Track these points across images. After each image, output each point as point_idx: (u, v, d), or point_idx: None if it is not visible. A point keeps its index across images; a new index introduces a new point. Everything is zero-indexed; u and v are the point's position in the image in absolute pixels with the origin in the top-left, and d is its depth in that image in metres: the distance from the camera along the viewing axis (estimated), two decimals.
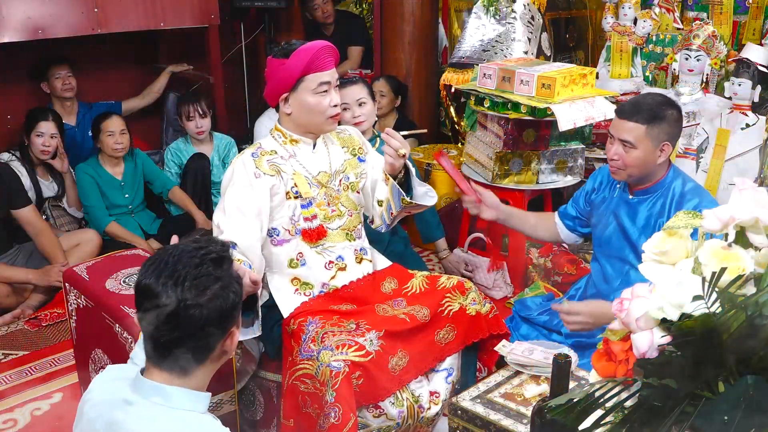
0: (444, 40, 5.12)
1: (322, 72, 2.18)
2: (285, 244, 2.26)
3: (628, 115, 2.26)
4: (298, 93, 2.20)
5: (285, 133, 2.30)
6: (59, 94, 4.07)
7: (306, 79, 2.18)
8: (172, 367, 1.34)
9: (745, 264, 1.13)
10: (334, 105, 2.22)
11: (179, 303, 1.29)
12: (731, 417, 1.02)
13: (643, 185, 2.37)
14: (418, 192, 2.29)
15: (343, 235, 2.33)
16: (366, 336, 2.12)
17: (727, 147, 3.30)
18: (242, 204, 2.18)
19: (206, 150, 4.20)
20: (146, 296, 1.31)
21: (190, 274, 1.30)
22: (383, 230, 2.45)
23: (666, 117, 2.25)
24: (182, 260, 1.32)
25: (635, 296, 1.20)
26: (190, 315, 1.29)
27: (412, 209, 2.33)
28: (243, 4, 4.74)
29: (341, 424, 1.97)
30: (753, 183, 1.24)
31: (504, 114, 3.22)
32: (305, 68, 2.16)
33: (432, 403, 2.25)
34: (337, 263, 2.31)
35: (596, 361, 1.30)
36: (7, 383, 2.90)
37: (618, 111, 2.32)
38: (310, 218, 2.27)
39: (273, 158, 2.26)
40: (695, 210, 2.26)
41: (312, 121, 2.24)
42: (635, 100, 2.37)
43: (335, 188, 2.32)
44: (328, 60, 2.20)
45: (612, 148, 2.32)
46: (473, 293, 2.34)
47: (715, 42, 3.47)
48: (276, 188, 2.22)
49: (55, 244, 3.48)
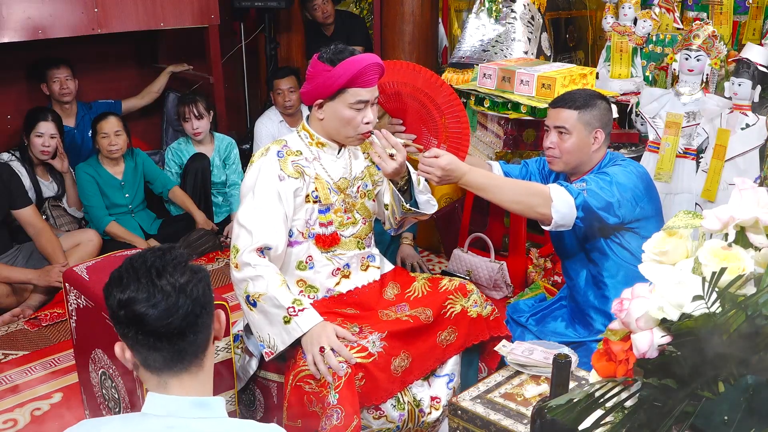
0: (444, 40, 5.12)
1: (365, 89, 2.13)
2: (297, 246, 2.24)
3: (562, 104, 2.41)
4: (335, 103, 2.15)
5: (312, 134, 2.26)
6: (57, 98, 4.07)
7: (347, 92, 2.13)
8: (188, 361, 1.33)
9: (745, 264, 1.13)
10: (367, 122, 2.17)
11: (174, 287, 1.27)
12: (731, 417, 1.02)
13: (579, 174, 2.44)
14: (420, 200, 2.28)
15: (355, 243, 2.32)
16: (369, 338, 2.12)
17: (727, 147, 3.30)
18: (271, 207, 2.15)
19: (207, 150, 4.20)
20: (136, 304, 1.27)
21: (165, 261, 1.30)
22: (392, 234, 2.46)
23: (596, 105, 2.40)
24: (148, 259, 1.30)
25: (635, 296, 1.20)
26: (188, 293, 1.28)
27: (416, 216, 2.33)
28: (243, 4, 4.74)
29: (344, 426, 1.96)
30: (753, 183, 1.24)
31: (504, 114, 3.22)
32: (349, 82, 2.11)
33: (433, 408, 2.25)
34: (343, 270, 2.31)
35: (596, 361, 1.30)
36: (7, 383, 2.90)
37: (552, 102, 2.47)
38: (326, 224, 2.25)
39: (298, 159, 2.22)
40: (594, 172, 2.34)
41: (341, 133, 2.20)
42: (567, 92, 2.53)
43: (353, 195, 2.30)
44: (373, 78, 2.15)
45: (548, 139, 2.43)
46: (475, 295, 2.34)
47: (715, 42, 3.47)
48: (299, 191, 2.20)
49: (56, 244, 3.48)
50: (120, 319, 1.29)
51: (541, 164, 2.66)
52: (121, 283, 1.28)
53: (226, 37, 4.87)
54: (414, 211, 2.26)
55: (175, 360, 1.31)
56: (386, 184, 2.37)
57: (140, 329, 1.27)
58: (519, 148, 3.34)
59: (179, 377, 1.32)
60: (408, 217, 2.34)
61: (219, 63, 4.48)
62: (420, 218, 2.38)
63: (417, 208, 2.28)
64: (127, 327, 1.28)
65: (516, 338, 2.59)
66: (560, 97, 2.48)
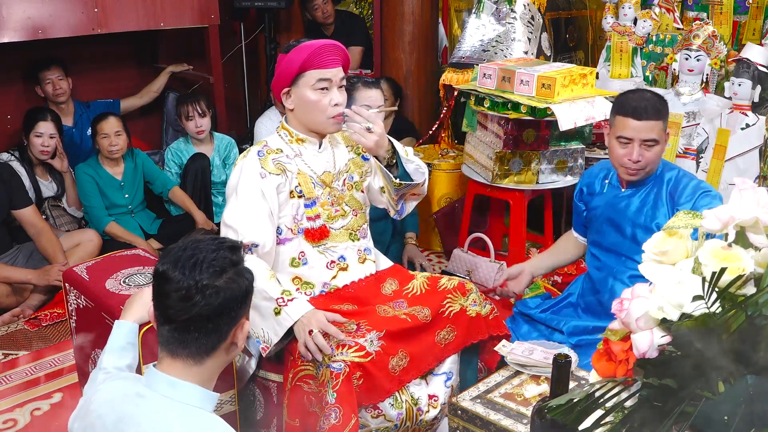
0: (444, 40, 5.12)
1: (323, 69, 2.17)
2: (287, 243, 2.26)
3: (649, 115, 2.28)
4: (299, 88, 2.19)
5: (291, 131, 2.29)
6: (52, 99, 4.06)
7: (305, 75, 2.17)
8: (187, 353, 1.39)
9: (745, 264, 1.13)
10: (336, 104, 2.19)
11: (196, 284, 1.35)
12: (731, 417, 1.02)
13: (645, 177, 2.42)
14: (409, 169, 2.26)
15: (346, 235, 2.32)
16: (366, 336, 2.12)
17: (727, 147, 3.30)
18: (255, 205, 2.18)
19: (206, 150, 4.20)
20: (164, 280, 1.38)
21: (208, 257, 1.38)
22: (398, 218, 2.44)
23: (666, 105, 2.35)
24: (200, 247, 1.40)
25: (635, 296, 1.20)
26: (206, 295, 1.36)
27: (411, 189, 2.30)
28: (243, 4, 4.74)
29: (342, 425, 1.96)
30: (753, 183, 1.24)
31: (504, 114, 3.22)
32: (303, 64, 2.16)
33: (431, 406, 2.24)
34: (339, 263, 2.31)
35: (596, 361, 1.30)
36: (7, 383, 2.90)
37: (634, 113, 2.29)
38: (313, 218, 2.26)
39: (278, 157, 2.25)
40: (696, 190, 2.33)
41: (313, 119, 2.23)
42: (638, 101, 2.33)
43: (339, 188, 2.32)
44: (331, 58, 2.19)
45: (633, 152, 2.31)
46: (474, 294, 2.34)
47: (715, 42, 3.47)
48: (281, 187, 2.22)
49: (56, 244, 3.48)
50: (153, 286, 1.42)
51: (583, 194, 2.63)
52: (167, 255, 1.41)
53: (226, 37, 4.86)
54: (406, 184, 2.24)
55: (175, 344, 1.40)
56: (374, 167, 2.35)
57: (161, 302, 1.40)
58: (519, 148, 3.34)
59: (173, 360, 1.41)
60: (404, 192, 2.31)
61: (219, 63, 4.48)
62: (416, 191, 2.35)
63: (409, 180, 2.25)
64: (155, 297, 1.42)
65: (522, 333, 2.57)
66: (638, 107, 2.30)
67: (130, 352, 1.67)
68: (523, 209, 3.42)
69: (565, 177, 3.44)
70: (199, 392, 1.40)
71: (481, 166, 3.49)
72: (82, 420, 1.46)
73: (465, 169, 3.64)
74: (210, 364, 1.42)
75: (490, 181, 3.39)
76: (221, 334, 1.41)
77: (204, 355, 1.40)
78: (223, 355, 1.44)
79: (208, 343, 1.40)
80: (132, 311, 1.75)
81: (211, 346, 1.40)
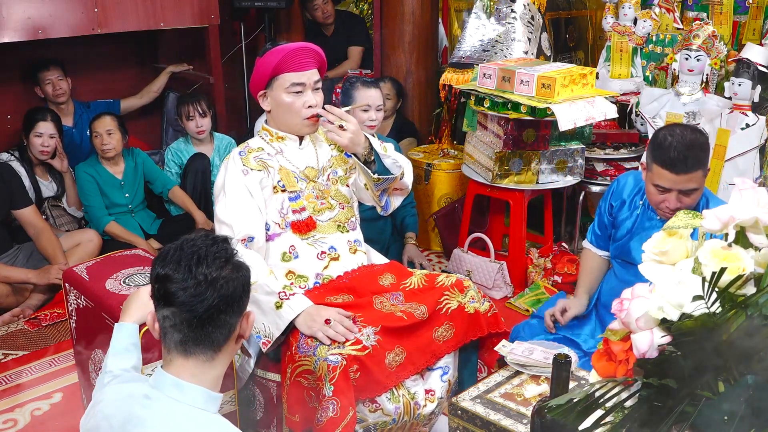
0: (444, 40, 5.12)
1: (295, 72, 2.21)
2: (276, 238, 2.30)
3: (689, 168, 2.17)
4: (273, 91, 2.26)
5: (271, 131, 2.35)
6: (52, 99, 4.06)
7: (279, 78, 2.23)
8: (201, 349, 1.40)
9: (745, 264, 1.13)
10: (309, 106, 2.24)
11: (206, 277, 1.36)
12: (731, 417, 1.02)
13: None
14: (386, 163, 2.28)
15: (335, 227, 2.35)
16: (363, 331, 2.13)
17: (727, 147, 3.30)
18: (244, 200, 2.23)
19: (206, 150, 4.20)
20: (170, 282, 1.37)
21: (210, 251, 1.39)
22: (384, 214, 2.47)
23: (708, 147, 2.24)
24: (197, 243, 1.40)
25: (635, 296, 1.20)
26: (217, 288, 1.37)
27: (389, 183, 2.31)
28: (243, 4, 4.74)
29: (339, 418, 1.98)
30: (753, 183, 1.24)
31: (504, 114, 3.22)
32: (276, 67, 2.21)
33: (428, 400, 2.25)
34: (330, 253, 2.34)
35: (596, 361, 1.30)
36: (7, 383, 2.90)
37: (673, 167, 2.17)
38: (299, 210, 2.30)
39: (259, 154, 2.31)
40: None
41: (288, 120, 2.29)
42: (678, 150, 2.17)
43: (324, 183, 2.36)
44: (305, 61, 2.23)
45: (671, 201, 2.24)
46: (472, 291, 2.34)
47: (715, 42, 3.47)
48: (264, 182, 2.27)
49: (56, 244, 3.48)
50: (155, 291, 1.41)
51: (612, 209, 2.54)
52: (165, 259, 1.40)
53: (226, 37, 4.86)
54: (384, 178, 2.25)
55: (189, 343, 1.39)
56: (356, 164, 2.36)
57: (168, 306, 1.38)
58: (519, 148, 3.34)
59: (186, 360, 1.40)
60: (385, 187, 2.32)
61: (219, 63, 4.48)
62: (398, 186, 2.36)
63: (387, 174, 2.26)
64: (158, 301, 1.40)
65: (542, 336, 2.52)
66: (677, 160, 2.16)
67: (133, 353, 1.66)
68: (523, 209, 3.42)
69: (565, 177, 3.45)
70: (203, 394, 1.41)
71: (481, 166, 3.49)
72: (90, 421, 1.46)
73: (465, 169, 3.64)
74: (221, 358, 1.43)
75: (490, 181, 3.39)
76: (231, 326, 1.42)
77: (216, 350, 1.41)
78: (231, 348, 1.45)
79: (221, 337, 1.41)
80: (131, 312, 1.74)
81: (222, 340, 1.41)
